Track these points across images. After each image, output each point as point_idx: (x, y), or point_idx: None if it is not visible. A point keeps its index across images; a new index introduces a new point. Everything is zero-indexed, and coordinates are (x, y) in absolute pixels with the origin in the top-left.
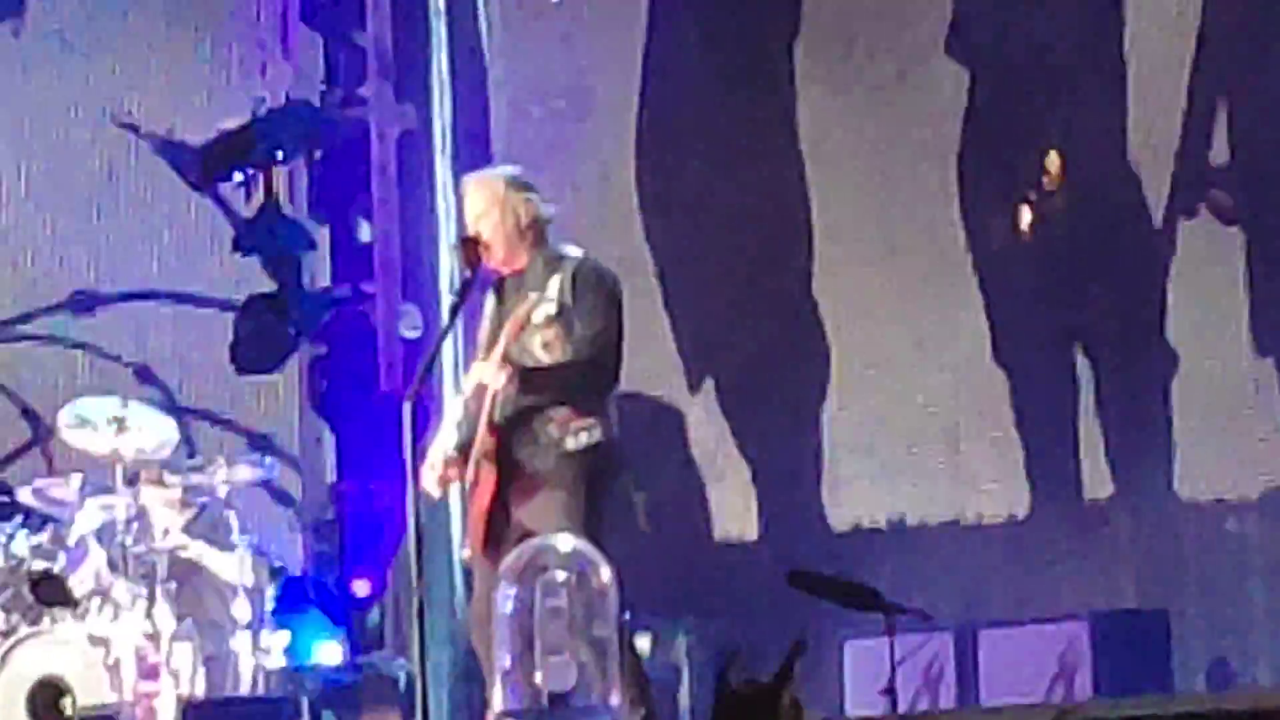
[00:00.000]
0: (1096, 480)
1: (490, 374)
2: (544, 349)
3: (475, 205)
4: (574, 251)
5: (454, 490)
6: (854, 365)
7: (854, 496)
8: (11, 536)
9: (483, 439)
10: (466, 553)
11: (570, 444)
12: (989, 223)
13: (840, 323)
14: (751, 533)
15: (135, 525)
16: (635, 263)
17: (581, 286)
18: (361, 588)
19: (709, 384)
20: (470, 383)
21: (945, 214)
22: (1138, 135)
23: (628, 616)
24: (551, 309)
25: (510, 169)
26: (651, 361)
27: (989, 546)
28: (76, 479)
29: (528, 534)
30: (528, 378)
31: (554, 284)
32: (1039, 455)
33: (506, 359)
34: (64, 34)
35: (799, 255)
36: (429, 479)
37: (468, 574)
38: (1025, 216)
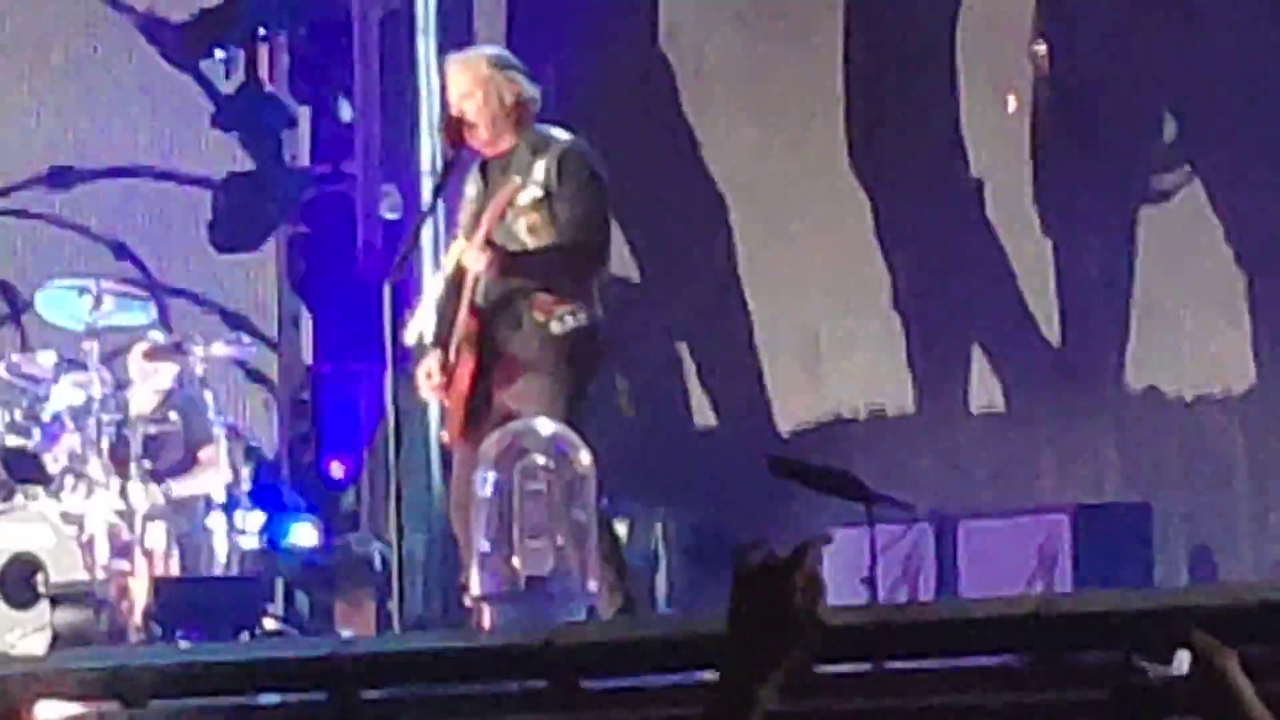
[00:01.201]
0: (1078, 371)
1: (472, 257)
2: (529, 233)
3: (459, 85)
4: (561, 135)
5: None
6: (833, 254)
7: (835, 385)
8: None
9: (463, 322)
10: (445, 436)
11: (555, 328)
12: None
13: (817, 211)
14: (731, 420)
15: (110, 402)
16: (616, 147)
17: (568, 170)
18: (337, 469)
19: (690, 269)
20: (450, 263)
21: (916, 105)
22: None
23: (606, 502)
24: (537, 192)
25: (494, 49)
26: (634, 245)
27: (970, 437)
28: (51, 355)
29: (509, 418)
30: (510, 262)
31: (540, 167)
32: (1021, 346)
33: (489, 242)
34: None
35: (779, 142)
36: (426, 387)
37: (445, 457)
38: (1009, 104)
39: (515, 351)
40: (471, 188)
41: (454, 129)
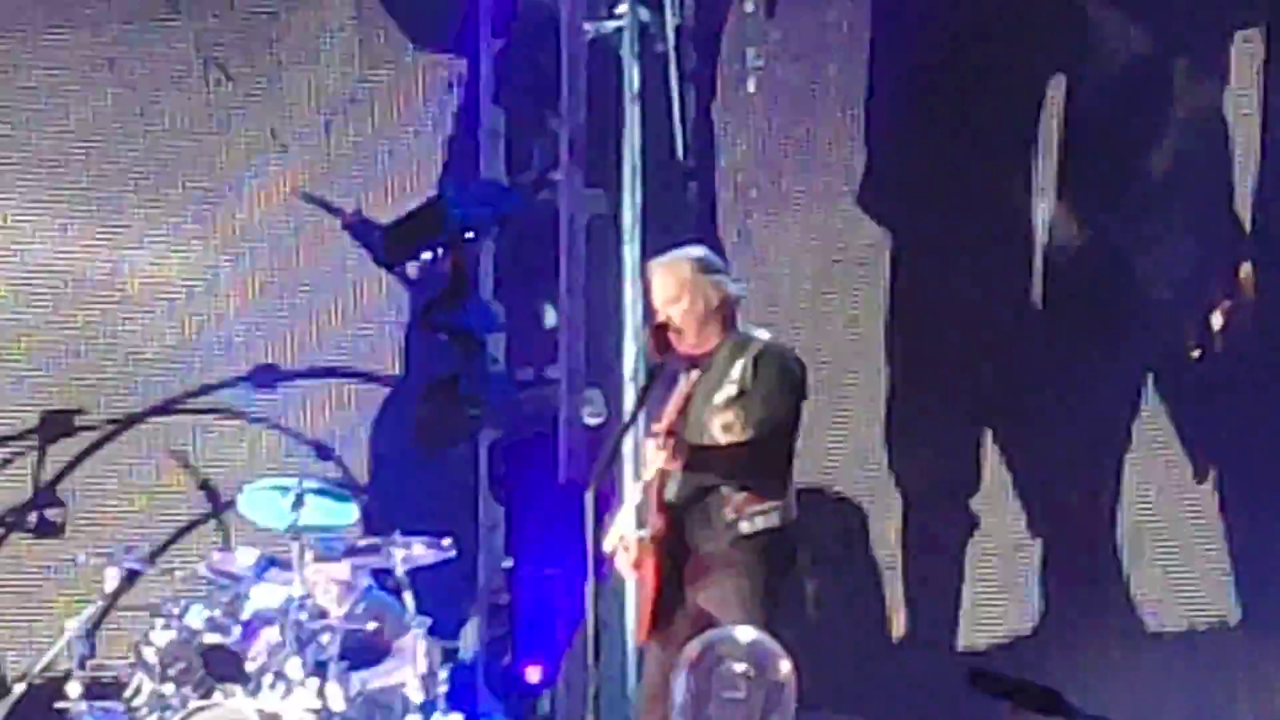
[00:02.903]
0: (1272, 593)
1: (654, 451)
2: (723, 431)
3: (666, 290)
4: (761, 334)
5: (631, 578)
6: (1033, 469)
7: (1036, 598)
8: (186, 609)
9: (652, 520)
10: (637, 635)
11: (745, 527)
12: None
13: (1013, 426)
14: (930, 631)
15: (310, 601)
16: (822, 353)
17: (763, 370)
18: (534, 674)
19: (891, 480)
20: (650, 470)
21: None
22: None
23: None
24: (733, 391)
25: (697, 250)
26: (835, 454)
27: (1167, 655)
28: (252, 553)
29: (700, 616)
30: (697, 457)
31: (737, 367)
32: (1219, 566)
33: (671, 434)
34: (247, 110)
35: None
36: (623, 560)
37: (641, 662)
38: (1217, 322)
39: (705, 550)
40: (680, 387)
41: (660, 335)
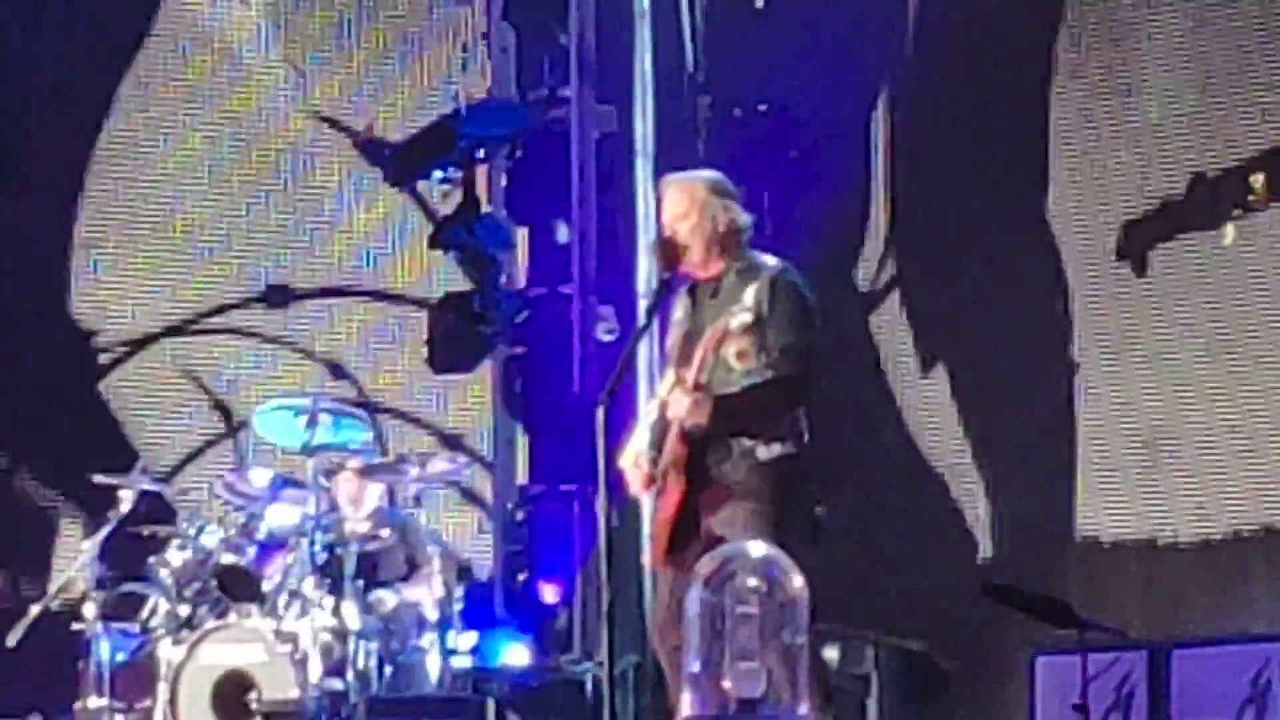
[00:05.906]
0: None
1: (681, 405)
2: (738, 358)
3: (675, 206)
4: (771, 261)
5: (642, 496)
6: (1063, 384)
7: (1049, 512)
8: (201, 529)
9: (673, 446)
10: (649, 558)
11: (762, 454)
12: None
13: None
14: (943, 545)
15: (325, 520)
16: (832, 269)
17: (779, 297)
18: (550, 591)
19: (900, 402)
20: (664, 390)
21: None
22: None
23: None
24: (748, 318)
25: (712, 173)
26: (851, 367)
27: (1184, 566)
28: (266, 474)
29: (715, 541)
30: (722, 408)
31: (750, 293)
32: (1234, 478)
33: (699, 386)
34: (261, 27)
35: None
36: (634, 477)
37: (655, 579)
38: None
39: (723, 476)
40: (679, 310)
41: (668, 250)
